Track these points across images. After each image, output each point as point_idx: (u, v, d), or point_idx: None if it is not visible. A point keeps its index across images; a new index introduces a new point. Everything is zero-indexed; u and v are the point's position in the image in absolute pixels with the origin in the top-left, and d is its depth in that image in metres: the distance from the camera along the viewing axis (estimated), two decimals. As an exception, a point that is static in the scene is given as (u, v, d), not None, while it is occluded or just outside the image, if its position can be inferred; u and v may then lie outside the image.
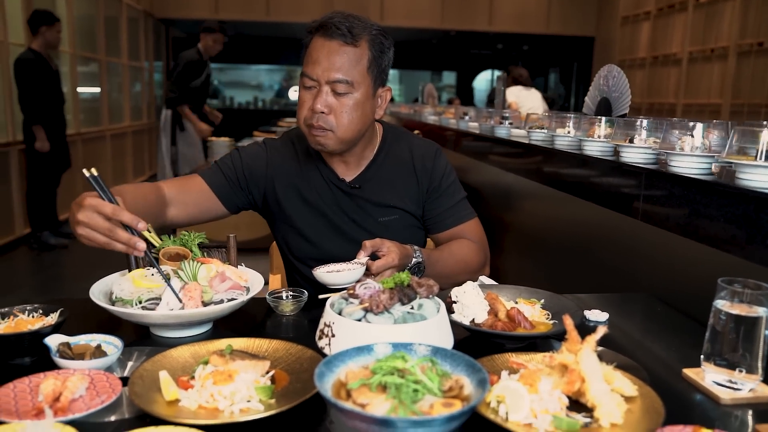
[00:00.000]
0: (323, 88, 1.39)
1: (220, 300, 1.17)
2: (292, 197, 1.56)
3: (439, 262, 1.46)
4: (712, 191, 1.38)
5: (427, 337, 0.97)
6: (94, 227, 1.08)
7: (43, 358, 1.02)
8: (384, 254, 1.31)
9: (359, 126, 1.44)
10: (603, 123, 2.04)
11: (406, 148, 1.60)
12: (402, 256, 1.33)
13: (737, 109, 6.26)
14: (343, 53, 1.39)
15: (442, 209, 1.58)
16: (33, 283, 4.49)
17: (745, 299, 0.95)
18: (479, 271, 1.58)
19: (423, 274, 1.41)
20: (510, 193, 3.01)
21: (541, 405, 0.83)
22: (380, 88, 1.48)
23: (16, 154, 5.25)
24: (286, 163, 1.58)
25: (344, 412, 0.73)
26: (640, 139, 1.81)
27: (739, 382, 0.97)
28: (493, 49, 12.13)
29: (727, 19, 6.44)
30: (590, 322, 1.28)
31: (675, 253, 1.56)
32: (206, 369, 0.92)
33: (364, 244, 1.31)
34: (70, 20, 6.50)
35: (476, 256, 1.56)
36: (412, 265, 1.39)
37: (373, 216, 1.55)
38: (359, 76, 1.40)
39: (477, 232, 1.61)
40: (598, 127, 2.05)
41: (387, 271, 1.30)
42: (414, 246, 1.41)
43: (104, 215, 1.08)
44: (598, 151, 2.02)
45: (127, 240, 1.08)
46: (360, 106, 1.42)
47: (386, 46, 1.46)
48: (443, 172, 1.59)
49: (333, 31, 1.39)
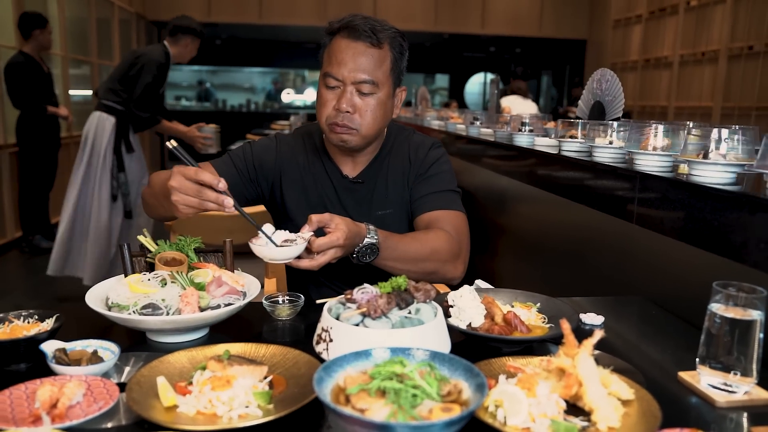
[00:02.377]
0: (348, 88, 1.43)
1: (217, 305, 1.17)
2: (295, 190, 1.59)
3: (399, 246, 1.38)
4: (706, 195, 1.39)
5: (425, 342, 0.97)
6: (184, 191, 1.18)
7: (38, 364, 1.02)
8: (330, 231, 1.24)
9: (381, 125, 1.50)
10: (611, 129, 1.95)
11: (406, 142, 1.64)
12: (351, 235, 1.25)
13: (728, 112, 6.31)
14: (369, 55, 1.43)
15: (423, 193, 1.57)
16: (24, 286, 4.46)
17: (740, 303, 0.96)
18: (449, 261, 1.46)
19: (377, 256, 1.34)
20: (504, 195, 3.02)
21: (539, 409, 0.83)
22: (397, 88, 1.54)
23: (6, 158, 5.22)
24: (294, 157, 1.61)
25: (344, 417, 0.73)
26: (653, 146, 1.72)
27: (734, 385, 0.97)
28: (486, 52, 12.17)
29: (718, 22, 6.49)
30: (586, 326, 1.29)
31: (669, 256, 1.57)
32: (204, 374, 0.91)
33: (310, 218, 1.23)
34: (61, 22, 6.47)
35: (446, 245, 1.45)
36: (364, 245, 1.31)
37: (371, 210, 1.58)
38: (383, 77, 1.46)
39: (455, 224, 1.52)
40: (610, 135, 1.94)
41: (330, 250, 1.23)
42: (369, 226, 1.34)
43: (189, 178, 1.17)
44: (609, 157, 1.93)
45: (215, 198, 1.17)
46: (382, 106, 1.48)
47: (405, 48, 1.52)
48: (434, 161, 1.60)
49: (360, 33, 1.42)
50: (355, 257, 1.33)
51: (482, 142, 3.31)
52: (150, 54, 3.94)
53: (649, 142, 1.71)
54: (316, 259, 1.23)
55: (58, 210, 4.51)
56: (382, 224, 1.50)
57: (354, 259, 1.33)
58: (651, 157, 1.69)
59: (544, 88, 13.22)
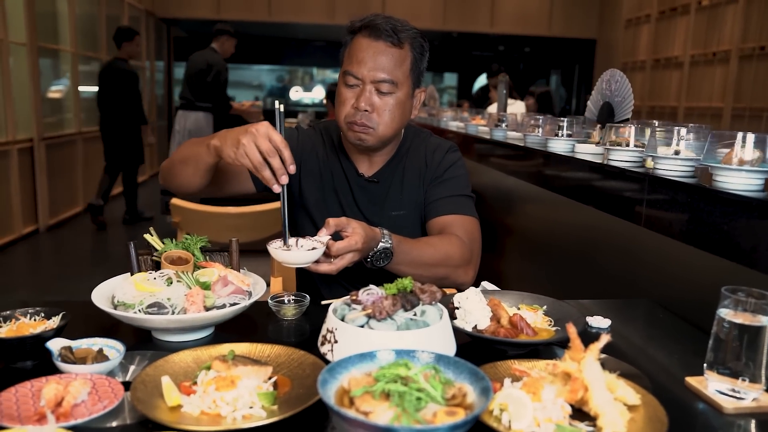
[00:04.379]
0: (367, 87, 1.44)
1: (222, 304, 1.17)
2: (311, 184, 1.60)
3: (413, 250, 1.39)
4: (716, 198, 1.38)
5: (430, 344, 0.97)
6: (258, 144, 1.20)
7: (44, 362, 1.02)
8: (348, 235, 1.24)
9: (399, 125, 1.50)
10: (677, 136, 1.65)
11: (423, 145, 1.63)
12: (367, 239, 1.26)
13: (739, 113, 6.26)
14: (389, 54, 1.43)
15: (438, 197, 1.57)
16: (33, 282, 4.49)
17: (749, 308, 0.95)
18: (461, 267, 1.46)
19: (391, 260, 1.34)
20: (511, 196, 3.00)
21: (544, 413, 0.83)
22: (417, 89, 1.54)
23: (15, 154, 5.26)
24: (313, 148, 1.62)
25: (347, 420, 0.73)
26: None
27: (742, 391, 0.96)
28: (494, 50, 12.13)
29: (729, 22, 6.44)
30: (593, 329, 1.28)
31: (677, 259, 1.56)
32: (209, 374, 0.91)
33: (328, 221, 1.24)
34: (71, 19, 6.50)
35: (459, 250, 1.45)
36: (379, 249, 1.32)
37: (385, 210, 1.58)
38: (402, 77, 1.46)
39: (468, 229, 1.52)
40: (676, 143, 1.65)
41: (348, 254, 1.24)
42: (384, 230, 1.34)
43: (272, 140, 1.20)
44: (675, 172, 1.62)
45: (278, 168, 1.21)
46: (401, 106, 1.48)
47: (425, 49, 1.52)
48: (450, 164, 1.61)
49: (380, 32, 1.43)
50: (369, 261, 1.33)
51: (507, 145, 3.02)
52: (217, 58, 5.58)
53: (734, 155, 1.37)
54: (334, 263, 1.24)
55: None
56: (395, 225, 1.50)
57: (368, 263, 1.33)
58: (737, 174, 1.35)
59: (553, 87, 13.16)
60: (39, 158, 5.65)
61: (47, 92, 6.12)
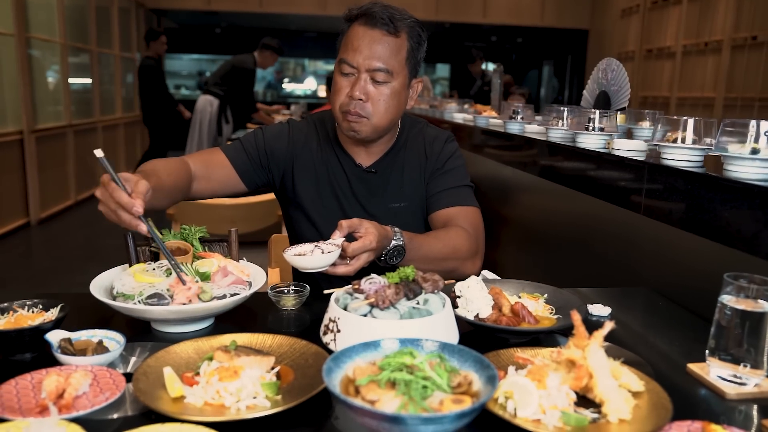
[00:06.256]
0: (362, 75, 1.42)
1: (223, 295, 1.16)
2: (307, 178, 1.58)
3: (423, 246, 1.40)
4: (716, 185, 1.38)
5: (434, 333, 0.96)
6: (105, 204, 1.09)
7: (43, 354, 1.01)
8: (361, 235, 1.24)
9: (394, 115, 1.48)
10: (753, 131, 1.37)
11: (420, 135, 1.62)
12: (380, 238, 1.26)
13: (731, 102, 6.28)
14: (385, 43, 1.42)
15: (440, 189, 1.57)
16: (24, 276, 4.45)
17: (751, 294, 0.95)
18: (468, 259, 1.48)
19: (404, 257, 1.34)
20: (508, 185, 3.00)
21: (550, 401, 0.83)
22: (413, 79, 1.52)
23: (5, 147, 5.20)
24: (307, 144, 1.60)
25: (354, 409, 0.73)
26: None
27: (744, 377, 0.97)
28: (487, 41, 12.10)
29: (722, 12, 6.44)
30: (593, 317, 1.28)
31: (677, 246, 1.56)
32: (211, 365, 0.91)
33: (341, 224, 1.23)
34: (60, 10, 6.42)
35: (466, 243, 1.47)
36: (392, 247, 1.32)
37: (385, 202, 1.57)
38: (398, 66, 1.44)
39: (472, 220, 1.54)
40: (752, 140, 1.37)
41: (363, 254, 1.23)
42: (395, 228, 1.34)
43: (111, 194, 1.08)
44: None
45: (128, 222, 1.08)
46: (396, 96, 1.46)
47: (423, 38, 1.50)
48: (449, 155, 1.60)
49: (377, 21, 1.41)
50: (383, 260, 1.33)
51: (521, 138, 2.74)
52: (243, 62, 6.29)
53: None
54: (351, 264, 1.23)
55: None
56: (396, 217, 1.50)
57: (382, 262, 1.33)
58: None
59: (546, 78, 13.16)
60: (29, 151, 5.60)
61: (36, 84, 6.04)
